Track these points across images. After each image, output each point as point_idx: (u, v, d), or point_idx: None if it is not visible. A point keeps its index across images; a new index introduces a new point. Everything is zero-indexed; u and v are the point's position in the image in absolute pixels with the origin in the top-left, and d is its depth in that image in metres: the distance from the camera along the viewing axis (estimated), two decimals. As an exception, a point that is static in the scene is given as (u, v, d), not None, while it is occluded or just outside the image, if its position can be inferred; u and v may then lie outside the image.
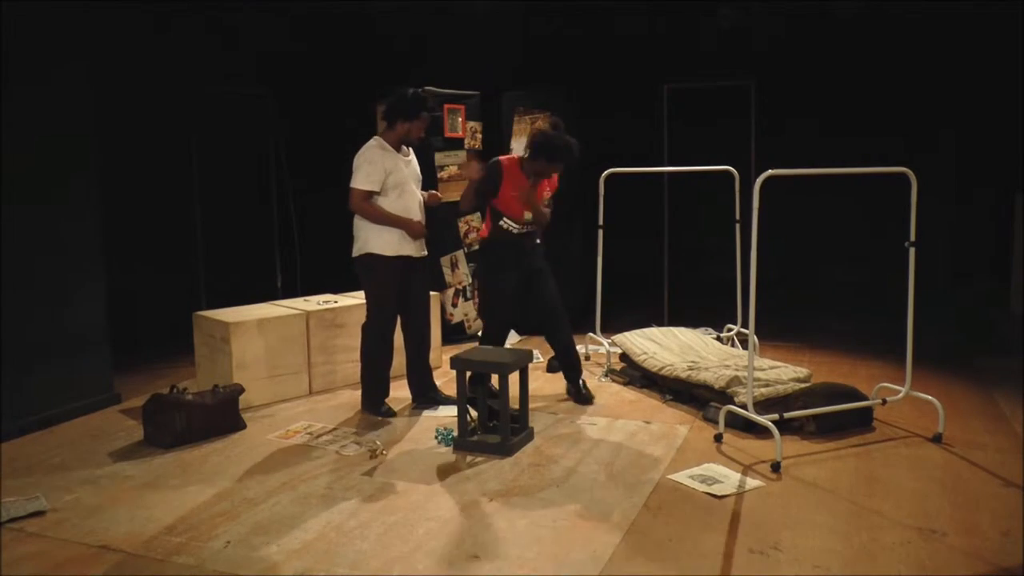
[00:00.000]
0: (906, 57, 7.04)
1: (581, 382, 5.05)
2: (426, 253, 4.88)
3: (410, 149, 4.81)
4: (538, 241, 4.99)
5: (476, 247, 6.89)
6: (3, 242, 4.38)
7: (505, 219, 4.82)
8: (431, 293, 5.97)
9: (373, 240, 4.63)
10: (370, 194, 4.57)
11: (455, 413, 4.40)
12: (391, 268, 4.65)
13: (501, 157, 4.88)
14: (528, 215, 4.82)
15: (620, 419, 4.66)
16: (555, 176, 4.95)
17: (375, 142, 4.66)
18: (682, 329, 5.92)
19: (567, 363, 5.07)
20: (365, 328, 4.82)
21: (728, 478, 3.73)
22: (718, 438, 4.23)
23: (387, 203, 4.61)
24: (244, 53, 7.29)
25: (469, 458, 4.05)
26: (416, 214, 4.72)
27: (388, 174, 4.58)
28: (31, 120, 4.52)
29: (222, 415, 4.45)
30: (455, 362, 4.21)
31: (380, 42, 7.83)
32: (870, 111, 7.27)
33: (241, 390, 4.63)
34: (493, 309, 5.02)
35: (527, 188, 4.75)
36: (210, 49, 7.09)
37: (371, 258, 4.64)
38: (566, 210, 6.49)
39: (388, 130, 4.67)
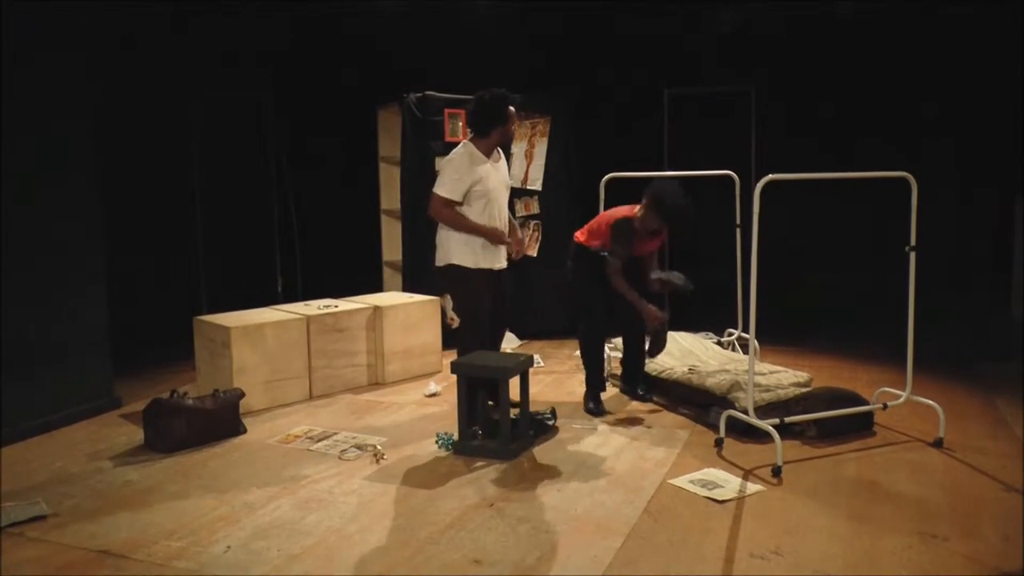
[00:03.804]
0: (907, 61, 7.04)
1: (637, 387, 5.13)
2: (506, 264, 4.71)
3: (500, 154, 4.67)
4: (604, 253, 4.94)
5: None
6: (4, 245, 4.38)
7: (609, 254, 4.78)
8: (432, 298, 5.99)
9: (456, 252, 4.50)
10: (450, 202, 4.44)
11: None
12: (476, 279, 4.52)
13: (624, 215, 4.81)
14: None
15: (621, 423, 4.66)
16: (664, 234, 4.97)
17: (465, 149, 4.50)
18: (683, 334, 5.91)
19: (630, 366, 5.20)
20: (459, 337, 4.67)
21: (729, 483, 3.73)
22: (719, 443, 4.23)
23: (471, 213, 4.47)
24: (245, 55, 7.30)
25: (470, 462, 4.05)
26: (505, 224, 4.63)
27: (474, 184, 4.44)
28: (32, 123, 4.53)
29: (222, 420, 4.45)
30: (456, 367, 4.21)
31: (381, 46, 7.84)
32: (871, 115, 7.27)
33: (241, 395, 4.63)
34: (590, 307, 4.99)
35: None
36: (211, 51, 7.10)
37: (455, 269, 4.52)
38: (567, 216, 6.50)
39: (481, 138, 4.51)
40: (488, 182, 4.51)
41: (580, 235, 5.03)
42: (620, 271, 4.77)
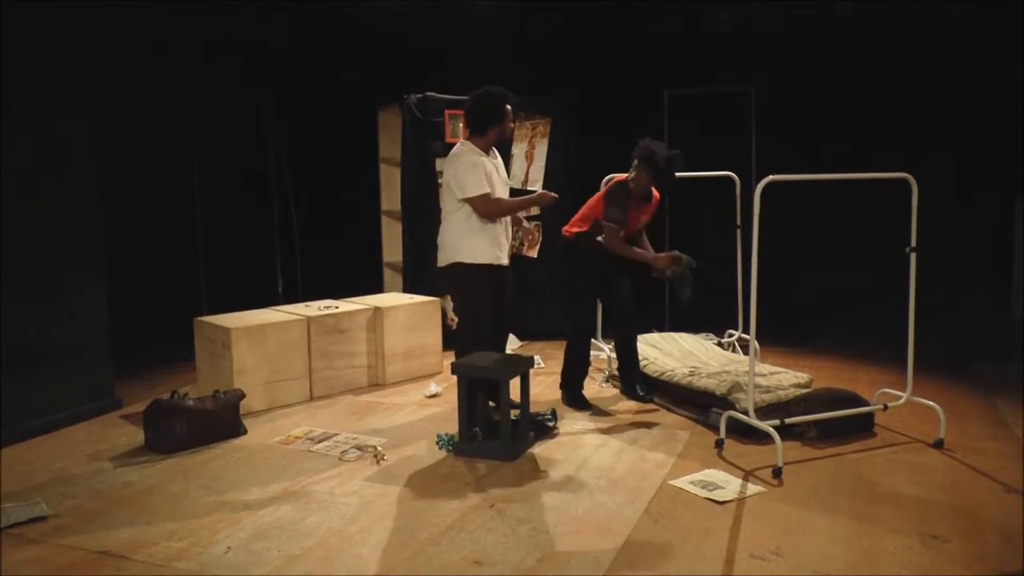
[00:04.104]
0: (907, 61, 7.04)
1: (637, 388, 5.07)
2: (508, 262, 4.71)
3: (496, 153, 4.67)
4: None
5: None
6: (4, 246, 4.38)
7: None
8: (433, 299, 5.99)
9: (464, 249, 4.48)
10: (487, 195, 4.43)
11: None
12: (481, 276, 4.51)
13: (617, 181, 4.87)
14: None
15: (621, 424, 4.66)
16: (655, 202, 5.00)
17: (467, 148, 4.50)
18: (683, 335, 5.92)
19: (626, 367, 5.12)
20: (458, 337, 4.66)
21: (729, 484, 3.73)
22: (719, 444, 4.23)
23: None
24: (246, 56, 7.30)
25: (470, 463, 4.05)
26: (508, 221, 4.65)
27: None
28: (32, 123, 4.53)
29: (223, 420, 4.45)
30: (456, 368, 4.21)
31: (381, 47, 7.85)
32: (871, 115, 7.27)
33: (242, 395, 4.63)
34: (572, 304, 5.05)
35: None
36: (211, 52, 7.10)
37: (460, 267, 4.50)
38: (568, 217, 6.50)
39: (478, 136, 4.52)
40: (493, 179, 4.52)
41: (569, 228, 5.03)
42: (620, 235, 4.77)
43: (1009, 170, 6.87)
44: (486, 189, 4.43)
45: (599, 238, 4.84)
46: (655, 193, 5.02)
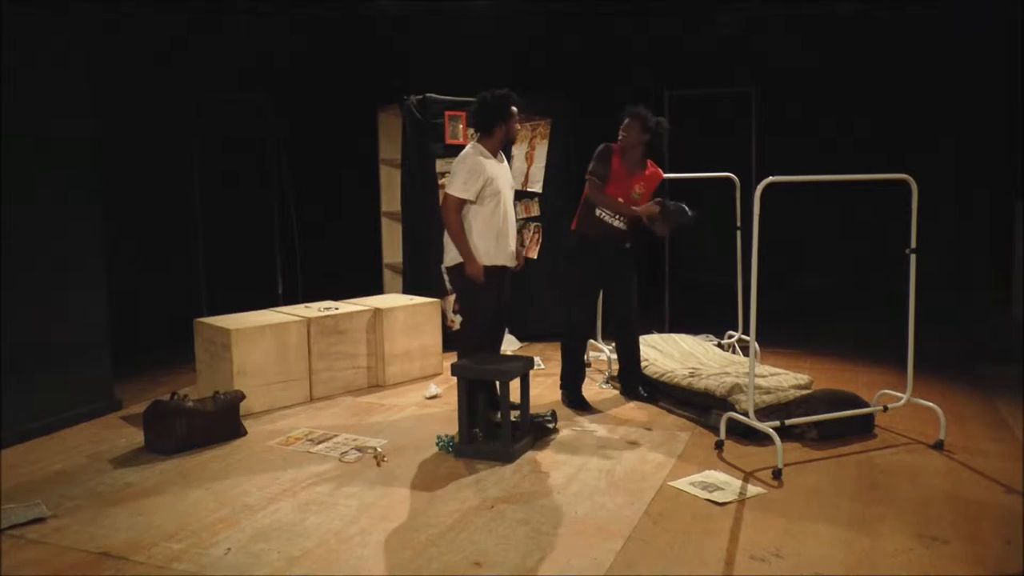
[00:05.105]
0: (907, 64, 7.05)
1: (639, 389, 5.14)
2: (514, 263, 4.72)
3: (502, 155, 4.68)
4: (628, 245, 5.03)
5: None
6: (3, 247, 4.38)
7: (601, 210, 4.88)
8: (433, 300, 5.99)
9: (473, 250, 4.49)
10: (463, 203, 4.45)
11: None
12: (490, 276, 4.52)
13: (612, 144, 4.96)
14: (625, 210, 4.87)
15: (621, 426, 4.66)
16: (650, 174, 5.02)
17: (474, 149, 4.51)
18: (683, 336, 5.92)
19: (627, 368, 5.19)
20: (460, 336, 4.67)
21: (729, 485, 3.73)
22: (719, 445, 4.22)
23: (484, 213, 4.48)
24: (246, 59, 7.31)
25: (470, 465, 4.05)
26: (513, 223, 4.65)
27: (487, 183, 4.45)
28: (32, 123, 4.53)
29: (223, 422, 4.45)
30: (456, 370, 4.21)
31: (381, 49, 7.85)
32: (871, 116, 7.28)
33: (242, 397, 4.63)
34: (572, 303, 5.09)
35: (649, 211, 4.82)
36: (212, 54, 7.10)
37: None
38: (568, 218, 6.51)
39: (486, 138, 4.54)
40: (498, 182, 4.53)
41: (574, 223, 5.07)
42: (601, 188, 4.85)
43: (1009, 170, 6.88)
44: (467, 195, 4.43)
45: (597, 212, 4.89)
46: (652, 167, 5.03)
